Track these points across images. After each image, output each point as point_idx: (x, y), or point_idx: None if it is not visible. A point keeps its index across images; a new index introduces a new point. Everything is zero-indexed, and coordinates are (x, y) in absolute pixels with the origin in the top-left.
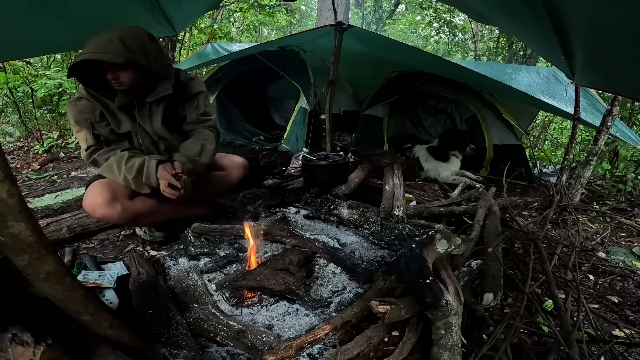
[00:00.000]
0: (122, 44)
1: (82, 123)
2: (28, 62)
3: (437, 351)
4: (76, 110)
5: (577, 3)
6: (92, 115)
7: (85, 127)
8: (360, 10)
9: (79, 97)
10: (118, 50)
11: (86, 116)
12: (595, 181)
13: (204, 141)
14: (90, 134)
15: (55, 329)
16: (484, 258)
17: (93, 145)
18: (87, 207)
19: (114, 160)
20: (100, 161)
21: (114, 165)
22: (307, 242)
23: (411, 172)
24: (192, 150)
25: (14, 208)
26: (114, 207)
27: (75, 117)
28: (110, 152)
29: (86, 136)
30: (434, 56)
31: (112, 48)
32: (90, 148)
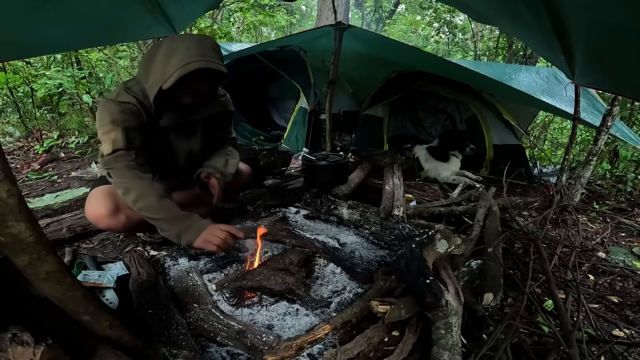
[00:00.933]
0: (217, 52)
1: (118, 123)
2: (28, 62)
3: (437, 351)
4: (118, 109)
5: (577, 3)
6: (133, 121)
7: (121, 127)
8: (360, 10)
9: (127, 101)
10: (220, 59)
11: (126, 118)
12: (595, 181)
13: (227, 155)
14: (123, 136)
15: (55, 329)
16: (484, 258)
17: (122, 148)
18: (90, 218)
19: (142, 184)
20: (122, 171)
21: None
22: (307, 242)
23: (411, 172)
24: (218, 164)
25: (14, 208)
26: (118, 218)
27: (113, 115)
28: (138, 168)
29: (117, 137)
30: (434, 56)
31: (217, 57)
32: (118, 151)
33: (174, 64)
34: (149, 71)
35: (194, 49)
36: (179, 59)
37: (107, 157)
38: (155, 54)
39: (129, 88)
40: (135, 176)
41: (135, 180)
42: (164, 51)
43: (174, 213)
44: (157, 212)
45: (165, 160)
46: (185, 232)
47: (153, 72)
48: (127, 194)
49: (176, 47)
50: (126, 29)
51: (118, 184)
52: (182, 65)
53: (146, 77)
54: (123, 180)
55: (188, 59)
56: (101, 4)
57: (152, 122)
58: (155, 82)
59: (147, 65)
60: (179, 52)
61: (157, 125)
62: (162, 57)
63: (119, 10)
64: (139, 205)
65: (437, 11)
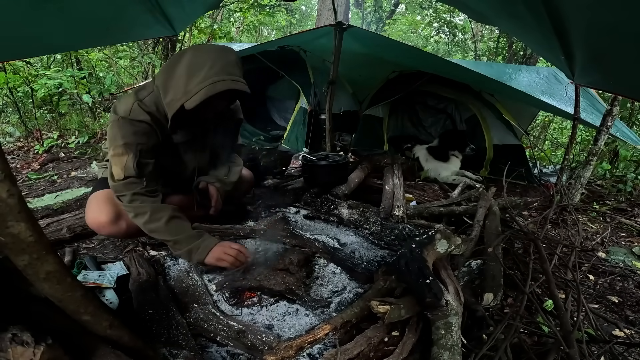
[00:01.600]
0: (240, 69)
1: (131, 146)
2: (28, 62)
3: (437, 351)
4: (131, 130)
5: (577, 3)
6: (147, 142)
7: (133, 152)
8: (360, 10)
9: (142, 120)
10: (242, 72)
11: (140, 140)
12: (595, 181)
13: (230, 163)
14: (135, 162)
15: (55, 329)
16: (484, 258)
17: (133, 176)
18: (91, 225)
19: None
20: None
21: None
22: (307, 242)
23: (411, 172)
24: (220, 172)
25: (14, 208)
26: (119, 225)
27: (126, 138)
28: (147, 194)
29: (128, 163)
30: (434, 56)
31: (241, 74)
32: (128, 179)
33: (197, 82)
34: (169, 85)
35: (218, 66)
36: (204, 77)
37: (117, 183)
38: (176, 67)
39: (141, 101)
40: (146, 201)
41: (144, 206)
42: (187, 66)
43: (183, 234)
44: (166, 234)
45: (171, 171)
46: (195, 251)
47: (174, 87)
48: (137, 217)
49: (199, 62)
50: (126, 29)
51: (128, 208)
52: (208, 85)
53: (165, 91)
54: (134, 206)
55: (214, 77)
56: (101, 4)
57: (165, 137)
58: (176, 98)
59: (167, 78)
60: (202, 69)
61: (169, 139)
62: (185, 72)
63: (119, 10)
64: (149, 228)
65: (437, 11)
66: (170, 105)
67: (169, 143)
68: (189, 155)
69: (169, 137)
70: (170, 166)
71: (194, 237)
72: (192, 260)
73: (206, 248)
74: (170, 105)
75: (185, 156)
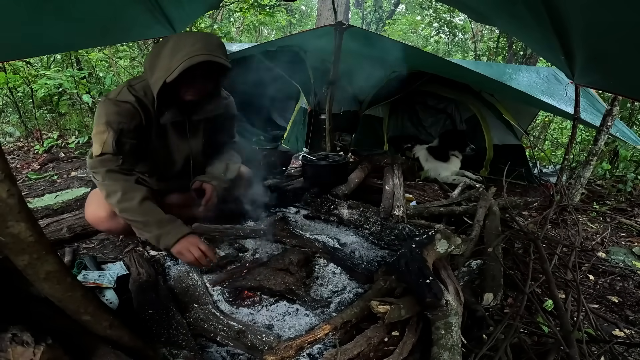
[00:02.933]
0: (222, 49)
1: (112, 124)
2: (28, 62)
3: (437, 351)
4: (114, 109)
5: (577, 3)
6: (128, 122)
7: (114, 130)
8: (360, 10)
9: (126, 100)
10: (225, 55)
11: (121, 120)
12: (595, 181)
13: (228, 160)
14: (114, 140)
15: (55, 329)
16: (484, 258)
17: (110, 153)
18: (90, 221)
19: (125, 186)
20: (103, 175)
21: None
22: (307, 242)
23: (411, 172)
24: (218, 169)
25: (14, 208)
26: (117, 220)
27: (109, 117)
28: (121, 173)
29: (107, 140)
30: (434, 56)
31: (222, 53)
32: (105, 155)
33: (179, 58)
34: (155, 66)
35: (199, 45)
36: (185, 53)
37: (94, 160)
38: (161, 50)
39: (132, 86)
40: (119, 179)
41: (118, 183)
42: (170, 47)
43: (155, 217)
44: (137, 214)
45: (164, 161)
46: (165, 236)
47: (159, 67)
48: (110, 196)
49: (182, 42)
50: (126, 29)
51: (102, 186)
52: (187, 58)
53: (152, 72)
54: (107, 183)
55: (193, 52)
56: (101, 4)
57: (151, 120)
58: (160, 76)
59: (153, 61)
60: (185, 47)
61: (158, 124)
62: (168, 52)
63: (119, 10)
64: (120, 207)
65: (437, 11)
66: (155, 84)
67: (157, 126)
68: (181, 142)
69: (157, 122)
70: (160, 152)
71: (165, 222)
72: (159, 244)
73: (175, 236)
74: (155, 84)
75: (176, 141)
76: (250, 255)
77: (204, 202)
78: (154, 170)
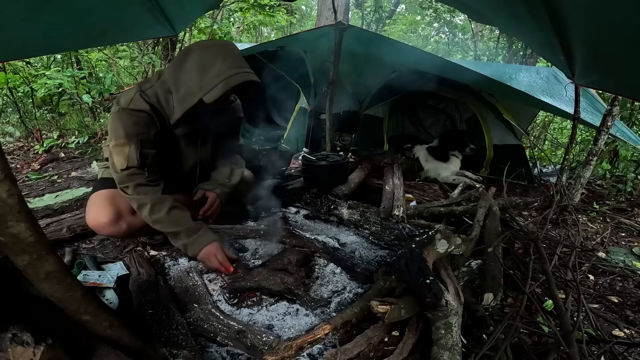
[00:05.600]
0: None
1: (132, 137)
2: (28, 62)
3: (437, 351)
4: (132, 120)
5: (577, 3)
6: (147, 132)
7: (135, 142)
8: (360, 10)
9: (141, 109)
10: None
11: (141, 130)
12: (595, 181)
13: (233, 165)
14: (138, 152)
15: (55, 329)
16: (484, 258)
17: (136, 167)
18: (91, 225)
19: (154, 198)
20: (132, 189)
21: (151, 203)
22: (307, 242)
23: (411, 172)
24: (223, 175)
25: (14, 208)
26: (120, 226)
27: (127, 129)
28: (149, 185)
29: (130, 154)
30: (434, 56)
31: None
32: (130, 169)
33: (213, 76)
34: (180, 81)
35: (230, 60)
36: (219, 71)
37: (121, 174)
38: (185, 63)
39: (144, 91)
40: (148, 192)
41: (147, 197)
42: (197, 61)
43: (184, 225)
44: (167, 225)
45: (171, 167)
46: (192, 244)
47: (186, 82)
48: (141, 209)
49: (209, 57)
50: (126, 29)
51: (132, 200)
52: (226, 78)
53: (176, 86)
54: (137, 198)
55: (229, 71)
56: (101, 4)
57: (165, 128)
58: (192, 92)
59: (177, 74)
60: (215, 63)
61: (170, 131)
62: (196, 67)
63: (119, 10)
64: (152, 218)
65: (437, 11)
66: (185, 100)
67: (169, 136)
68: (189, 149)
69: (168, 130)
70: (170, 160)
71: (192, 231)
72: (187, 252)
73: (200, 245)
74: (184, 100)
75: (186, 150)
76: (250, 255)
77: (202, 212)
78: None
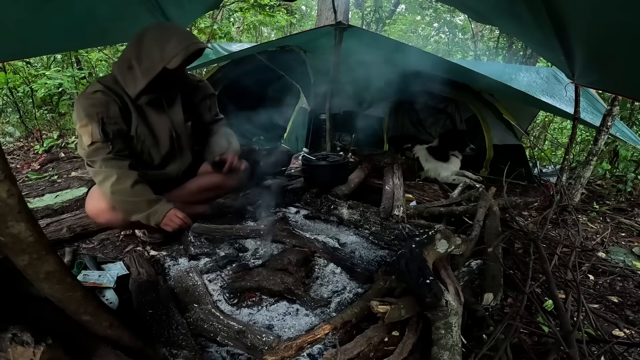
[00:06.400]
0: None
1: (92, 116)
2: (28, 62)
3: (437, 351)
4: (88, 102)
5: (577, 3)
6: (106, 110)
7: (96, 121)
8: (360, 10)
9: (95, 90)
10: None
11: (99, 110)
12: (595, 181)
13: (228, 136)
14: (100, 129)
15: (55, 329)
16: (484, 258)
17: (99, 141)
18: (90, 213)
19: (119, 172)
20: (100, 162)
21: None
22: (307, 242)
23: (411, 172)
24: (221, 145)
25: (14, 208)
26: (117, 214)
27: (86, 110)
28: (115, 158)
29: (92, 131)
30: (433, 56)
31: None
32: (95, 144)
33: (173, 47)
34: (142, 55)
35: (183, 35)
36: (176, 42)
37: (87, 150)
38: (144, 40)
39: (99, 80)
40: (114, 166)
41: (113, 169)
42: (156, 36)
43: (145, 197)
44: (130, 196)
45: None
46: (154, 213)
47: (147, 54)
48: (105, 180)
49: (166, 32)
50: (126, 29)
51: (97, 173)
52: (185, 47)
53: (139, 60)
54: (103, 170)
55: (185, 41)
56: (101, 4)
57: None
58: (155, 62)
59: (138, 51)
60: (172, 37)
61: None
62: (157, 42)
63: (119, 11)
64: (113, 189)
65: (437, 11)
66: (150, 70)
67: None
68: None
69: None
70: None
71: (153, 202)
72: (149, 222)
73: (163, 212)
74: (149, 70)
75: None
76: (250, 255)
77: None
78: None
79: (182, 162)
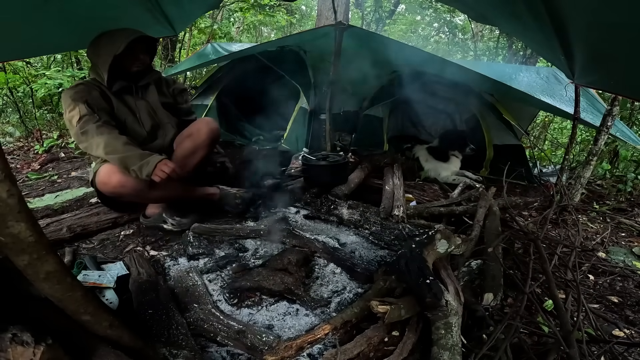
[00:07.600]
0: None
1: (77, 99)
2: (28, 62)
3: (437, 351)
4: (72, 91)
5: (577, 3)
6: (88, 94)
7: (81, 101)
8: (360, 10)
9: (77, 84)
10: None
11: (83, 95)
12: (595, 181)
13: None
14: (85, 106)
15: (55, 329)
16: (484, 258)
17: (87, 114)
18: (101, 179)
19: (110, 136)
20: (91, 131)
21: (106, 139)
22: (307, 242)
23: (411, 172)
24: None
25: (14, 208)
26: (128, 179)
27: (72, 97)
28: (105, 125)
29: (80, 108)
30: (434, 56)
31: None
32: (84, 117)
33: (119, 39)
34: (98, 53)
35: (130, 30)
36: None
37: (78, 125)
38: (99, 43)
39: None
40: (104, 132)
41: (104, 135)
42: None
43: (136, 152)
44: (122, 152)
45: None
46: (146, 164)
47: (102, 51)
48: (98, 147)
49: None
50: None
51: (91, 141)
52: (127, 37)
53: (97, 57)
54: (94, 139)
55: (130, 34)
56: (101, 4)
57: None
58: (107, 54)
59: (95, 51)
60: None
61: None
62: (107, 41)
63: (119, 11)
64: (107, 150)
65: (437, 11)
66: (104, 61)
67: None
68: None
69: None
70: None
71: (145, 155)
72: (142, 174)
73: (154, 162)
74: (104, 62)
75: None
76: (250, 255)
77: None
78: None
79: (165, 135)
